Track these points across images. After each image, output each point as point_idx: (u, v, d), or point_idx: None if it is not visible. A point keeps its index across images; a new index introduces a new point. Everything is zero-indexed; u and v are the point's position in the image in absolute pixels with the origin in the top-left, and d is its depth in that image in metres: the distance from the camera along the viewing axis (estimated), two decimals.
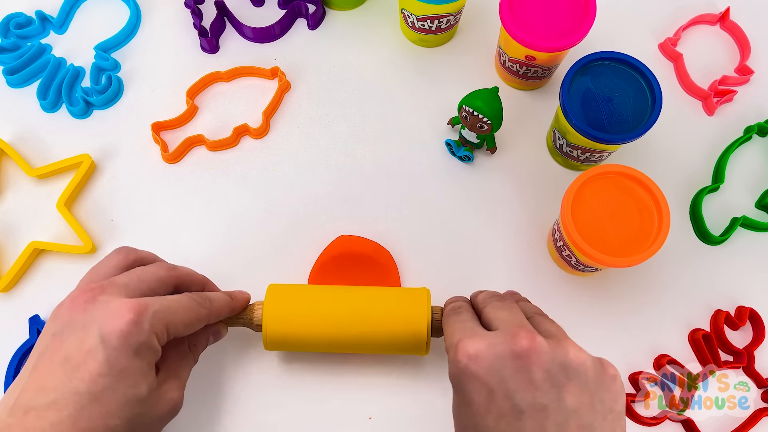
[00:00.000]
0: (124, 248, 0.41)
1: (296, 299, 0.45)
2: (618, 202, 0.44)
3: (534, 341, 0.34)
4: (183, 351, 0.41)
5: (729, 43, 0.59)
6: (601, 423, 0.34)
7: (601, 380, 0.35)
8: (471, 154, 0.53)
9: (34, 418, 0.33)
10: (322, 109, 0.57)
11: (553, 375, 0.33)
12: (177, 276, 0.41)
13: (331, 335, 0.44)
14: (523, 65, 0.53)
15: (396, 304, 0.44)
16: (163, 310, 0.37)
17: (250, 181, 0.54)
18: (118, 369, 0.34)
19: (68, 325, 0.36)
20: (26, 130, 0.56)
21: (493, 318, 0.37)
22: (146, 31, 0.60)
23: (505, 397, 0.33)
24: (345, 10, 0.60)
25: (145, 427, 0.37)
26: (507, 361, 0.34)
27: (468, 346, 0.35)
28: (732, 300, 0.51)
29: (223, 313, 0.42)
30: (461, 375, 0.35)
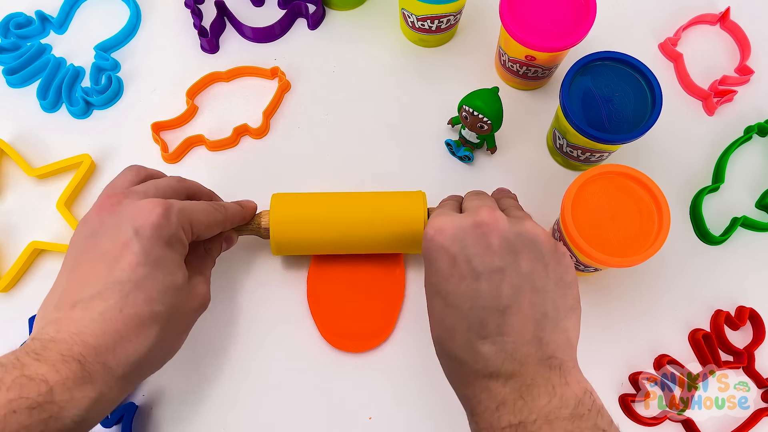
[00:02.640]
0: (135, 166, 0.44)
1: (300, 204, 0.47)
2: (618, 202, 0.44)
3: (493, 214, 0.38)
4: (201, 253, 0.44)
5: (729, 43, 0.59)
6: (553, 288, 0.37)
7: (553, 254, 0.38)
8: (471, 154, 0.53)
9: (81, 309, 0.35)
10: (322, 109, 0.57)
11: (509, 242, 0.37)
12: (188, 187, 0.44)
13: (335, 236, 0.47)
14: (523, 65, 0.53)
15: (395, 205, 0.47)
16: (186, 209, 0.40)
17: (250, 181, 0.54)
18: (154, 258, 0.37)
19: (100, 226, 0.38)
20: (26, 130, 0.56)
21: (466, 206, 0.42)
22: (146, 31, 0.60)
23: (465, 261, 0.37)
24: (345, 10, 0.60)
25: (183, 317, 0.40)
26: (468, 231, 0.38)
27: (436, 222, 0.39)
28: (732, 300, 0.51)
29: (236, 220, 0.45)
30: (429, 246, 0.39)
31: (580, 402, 0.33)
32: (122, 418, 0.46)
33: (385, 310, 0.50)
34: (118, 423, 0.46)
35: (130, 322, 0.35)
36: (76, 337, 0.34)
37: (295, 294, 0.50)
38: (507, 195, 0.47)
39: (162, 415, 0.47)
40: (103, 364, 0.34)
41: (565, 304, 0.37)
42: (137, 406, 0.47)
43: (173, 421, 0.47)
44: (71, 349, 0.34)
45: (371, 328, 0.49)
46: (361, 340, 0.49)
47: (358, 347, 0.49)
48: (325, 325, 0.49)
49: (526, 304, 0.36)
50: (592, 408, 0.34)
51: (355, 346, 0.49)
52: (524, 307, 0.36)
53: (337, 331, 0.49)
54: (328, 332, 0.49)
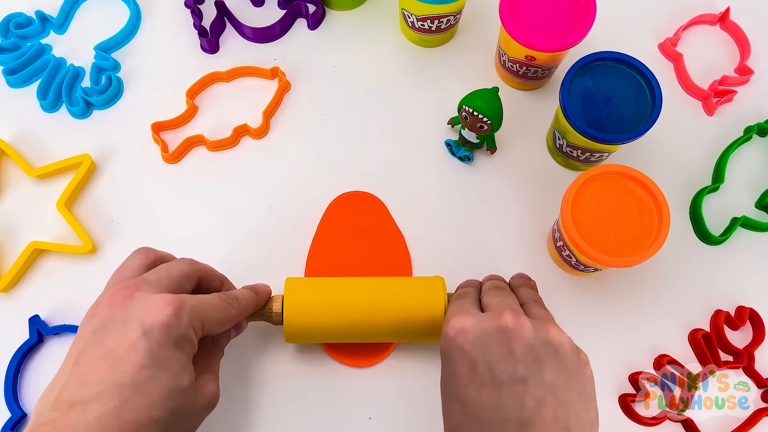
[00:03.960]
0: (144, 248, 0.42)
1: (315, 291, 0.45)
2: (618, 202, 0.44)
3: (518, 318, 0.36)
4: (209, 346, 0.42)
5: (729, 43, 0.59)
6: (575, 401, 0.35)
7: (576, 363, 0.36)
8: (471, 154, 0.53)
9: (78, 412, 0.33)
10: (322, 109, 0.57)
11: (534, 350, 0.35)
12: (200, 270, 0.42)
13: (351, 325, 0.44)
14: (523, 65, 0.53)
15: (413, 292, 0.45)
16: (199, 307, 0.38)
17: (250, 181, 0.54)
18: (160, 360, 0.35)
19: (109, 321, 0.36)
20: (26, 130, 0.56)
21: (487, 303, 0.40)
22: (146, 31, 0.60)
23: (487, 368, 0.35)
24: (345, 10, 0.60)
25: (187, 420, 0.37)
26: (491, 336, 0.36)
27: (457, 322, 0.37)
28: (732, 300, 0.51)
29: (250, 310, 0.43)
30: (449, 347, 0.37)
31: None
32: None
33: None
34: None
35: (128, 428, 0.33)
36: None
37: None
38: (526, 283, 0.45)
39: None
40: None
41: (587, 418, 0.36)
42: None
43: None
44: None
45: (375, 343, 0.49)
46: (365, 356, 0.49)
47: (361, 362, 0.49)
48: None
49: (549, 418, 0.34)
50: None
51: (358, 361, 0.49)
52: (547, 422, 0.34)
53: (341, 344, 0.49)
54: (332, 347, 0.49)
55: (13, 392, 0.48)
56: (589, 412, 0.36)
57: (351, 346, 0.49)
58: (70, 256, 0.52)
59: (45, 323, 0.50)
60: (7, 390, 0.48)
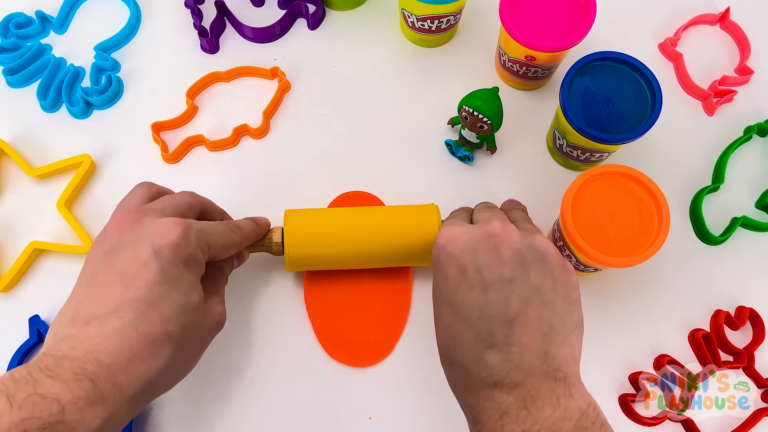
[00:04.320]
0: (146, 183, 0.43)
1: (314, 221, 0.47)
2: (618, 202, 0.44)
3: (505, 226, 0.38)
4: (214, 272, 0.43)
5: (729, 43, 0.59)
6: (560, 303, 0.37)
7: (562, 269, 0.38)
8: (471, 154, 0.53)
9: (96, 326, 0.35)
10: (322, 109, 0.57)
11: (520, 254, 0.37)
12: (201, 202, 0.44)
13: (350, 251, 0.46)
14: (523, 65, 0.53)
15: (408, 219, 0.47)
16: (205, 230, 0.40)
17: (250, 181, 0.54)
18: (172, 278, 0.36)
19: (119, 243, 0.38)
20: (26, 130, 0.56)
21: (477, 218, 0.41)
22: (146, 31, 0.60)
23: (476, 271, 0.37)
24: (345, 10, 0.60)
25: (198, 337, 0.39)
26: (480, 242, 0.37)
27: (448, 231, 0.39)
28: (732, 300, 0.51)
29: (251, 239, 0.45)
30: (440, 254, 0.39)
31: (584, 414, 0.33)
32: None
33: (389, 323, 0.50)
34: None
35: (145, 341, 0.35)
36: (90, 354, 0.34)
37: (301, 306, 0.51)
38: (516, 207, 0.46)
39: (162, 415, 0.47)
40: (115, 383, 0.34)
41: (571, 320, 0.37)
42: None
43: (173, 421, 0.47)
44: (84, 368, 0.33)
45: (375, 342, 0.49)
46: (365, 356, 0.49)
47: (361, 362, 0.49)
48: (328, 339, 0.49)
49: (534, 317, 0.36)
50: (596, 421, 0.34)
51: (358, 361, 0.49)
52: (532, 320, 0.36)
53: (340, 344, 0.49)
54: (331, 346, 0.49)
55: None
56: (573, 315, 0.37)
57: (351, 347, 0.49)
58: (70, 256, 0.52)
59: (45, 323, 0.50)
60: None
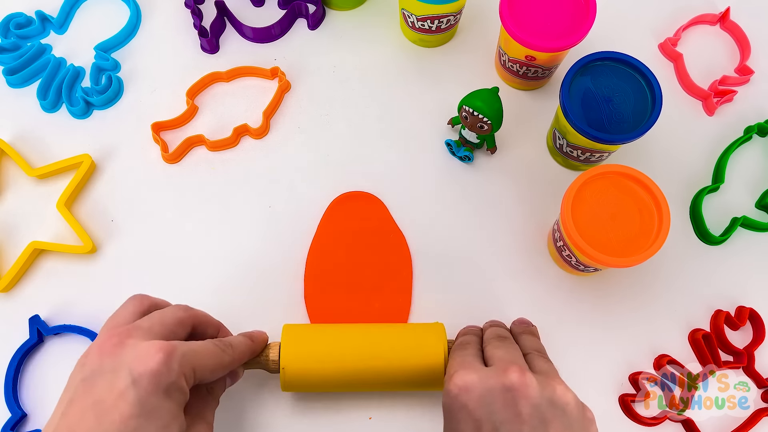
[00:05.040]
0: (139, 295, 0.41)
1: (313, 340, 0.44)
2: (618, 202, 0.44)
3: (524, 376, 0.35)
4: (203, 395, 0.41)
5: (729, 43, 0.59)
6: None
7: (581, 422, 0.35)
8: (471, 154, 0.53)
9: None
10: (322, 109, 0.57)
11: (540, 411, 0.34)
12: (195, 317, 0.41)
13: (350, 375, 0.43)
14: (523, 65, 0.53)
15: (412, 341, 0.44)
16: (191, 354, 0.37)
17: (250, 181, 0.54)
18: (150, 409, 0.34)
19: (98, 369, 0.35)
20: (26, 130, 0.56)
21: (491, 356, 0.38)
22: (146, 31, 0.60)
23: (492, 429, 0.34)
24: (345, 10, 0.60)
25: None
26: (496, 394, 0.35)
27: (460, 378, 0.36)
28: (732, 300, 0.51)
29: (245, 357, 0.42)
30: (452, 404, 0.36)
31: None
32: None
33: None
34: None
35: None
36: None
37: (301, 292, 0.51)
38: (527, 330, 0.44)
39: None
40: None
41: None
42: None
43: None
44: None
45: None
46: None
47: None
48: None
49: None
50: None
51: None
52: None
53: None
54: None
55: (13, 392, 0.48)
56: None
57: None
58: (70, 256, 0.52)
59: (45, 323, 0.50)
60: (7, 390, 0.48)
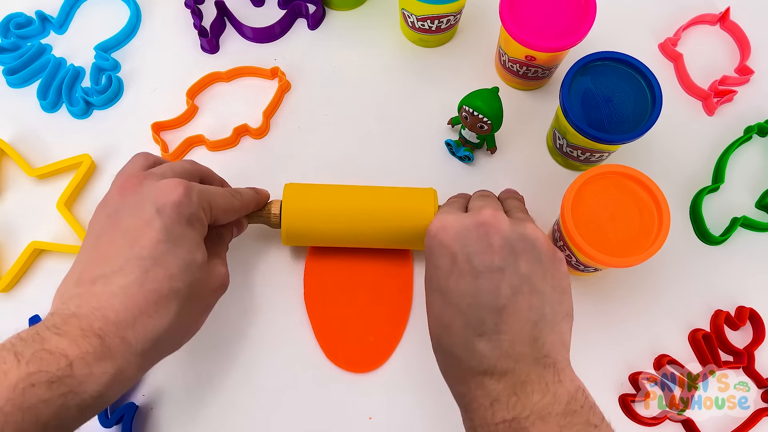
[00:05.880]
0: (144, 152, 0.44)
1: (312, 196, 0.47)
2: (618, 202, 0.44)
3: (496, 215, 0.38)
4: (214, 237, 0.43)
5: (729, 43, 0.59)
6: (550, 292, 0.37)
7: (552, 259, 0.38)
8: (471, 154, 0.53)
9: (102, 284, 0.35)
10: (322, 109, 0.57)
11: (510, 243, 0.37)
12: (201, 170, 0.44)
13: (346, 228, 0.47)
14: (523, 65, 0.53)
15: (406, 201, 0.47)
16: (206, 191, 0.40)
17: (250, 181, 0.54)
18: (175, 236, 0.37)
19: (122, 205, 0.38)
20: (26, 130, 0.56)
21: (471, 206, 0.42)
22: (146, 31, 0.60)
23: (466, 260, 0.37)
24: (345, 10, 0.60)
25: (203, 297, 0.40)
26: (470, 230, 0.38)
27: (439, 219, 0.40)
28: (732, 300, 0.51)
29: (251, 206, 0.46)
30: (431, 243, 0.39)
31: (572, 398, 0.34)
32: (122, 418, 0.46)
33: (390, 326, 0.50)
34: (118, 423, 0.46)
35: (151, 297, 0.35)
36: (96, 312, 0.34)
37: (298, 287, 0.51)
38: (513, 196, 0.47)
39: (162, 415, 0.47)
40: (122, 339, 0.34)
41: (561, 308, 0.38)
42: (137, 406, 0.47)
43: (173, 421, 0.47)
44: (92, 324, 0.34)
45: (375, 344, 0.49)
46: (365, 360, 0.49)
47: (361, 368, 0.49)
48: (328, 341, 0.49)
49: (524, 305, 0.36)
50: (585, 404, 0.34)
51: (358, 366, 0.49)
52: (522, 308, 0.36)
53: (340, 347, 0.49)
54: (331, 350, 0.49)
55: None
56: (563, 304, 0.38)
57: (350, 351, 0.49)
58: (70, 256, 0.52)
59: None
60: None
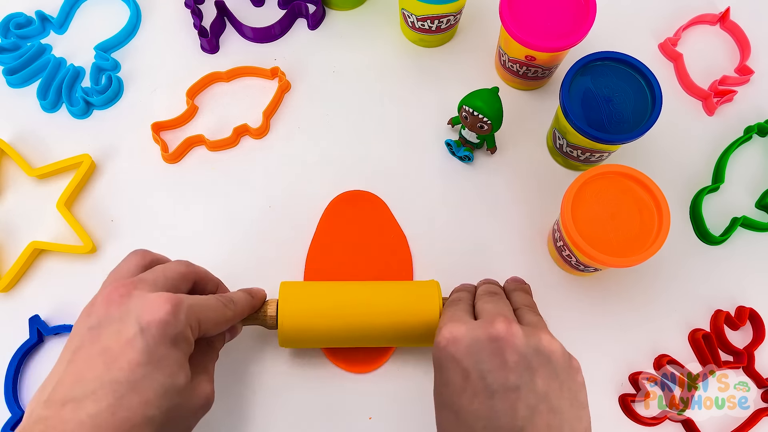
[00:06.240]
0: (140, 250, 0.42)
1: (310, 296, 0.45)
2: (618, 202, 0.44)
3: (510, 327, 0.36)
4: (204, 348, 0.41)
5: (729, 43, 0.59)
6: (568, 408, 0.35)
7: (568, 370, 0.36)
8: (471, 154, 0.53)
9: (71, 409, 0.33)
10: (322, 109, 0.57)
11: (525, 359, 0.35)
12: (196, 272, 0.42)
13: (346, 330, 0.44)
14: (523, 65, 0.53)
15: (408, 297, 0.45)
16: (196, 306, 0.38)
17: (250, 181, 0.54)
18: (157, 358, 0.34)
19: (105, 318, 0.36)
20: (26, 130, 0.56)
21: (480, 310, 0.40)
22: (146, 31, 0.60)
23: (480, 377, 0.35)
24: (345, 10, 0.60)
25: (182, 421, 0.37)
26: (483, 344, 0.36)
27: (449, 330, 0.37)
28: (732, 300, 0.51)
29: (245, 312, 0.43)
30: (441, 356, 0.37)
31: None
32: None
33: None
34: None
35: (122, 426, 0.33)
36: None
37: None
38: (520, 287, 0.45)
39: None
40: None
41: (580, 426, 0.36)
42: None
43: None
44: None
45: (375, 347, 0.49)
46: (365, 360, 0.48)
47: (361, 368, 0.48)
48: None
49: (542, 426, 0.34)
50: None
51: (358, 366, 0.48)
52: (540, 429, 0.34)
53: (340, 349, 0.48)
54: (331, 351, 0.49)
55: (13, 392, 0.48)
56: (582, 421, 0.36)
57: (350, 351, 0.49)
58: (70, 256, 0.52)
59: (45, 323, 0.50)
60: (7, 390, 0.48)
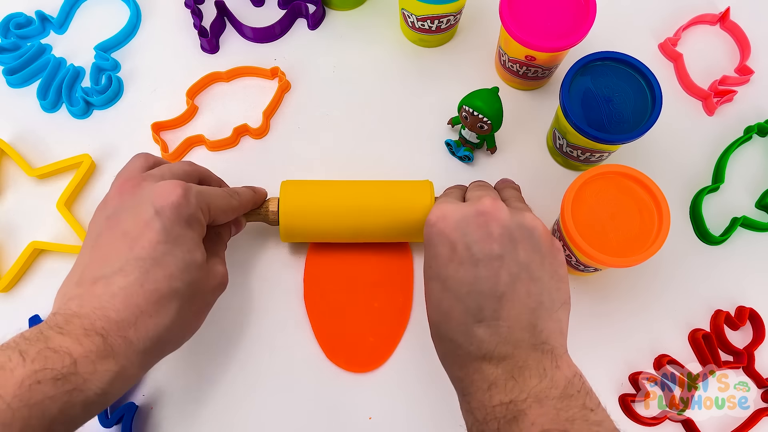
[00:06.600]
0: (144, 153, 0.44)
1: (309, 191, 0.48)
2: (618, 202, 0.44)
3: (495, 203, 0.39)
4: (213, 237, 0.44)
5: (729, 43, 0.59)
6: (548, 280, 0.38)
7: (549, 247, 0.39)
8: (471, 154, 0.53)
9: (103, 285, 0.36)
10: (322, 109, 0.57)
11: (509, 231, 0.38)
12: (199, 171, 0.45)
13: (343, 223, 0.47)
14: (523, 65, 0.53)
15: (403, 194, 0.48)
16: (204, 192, 0.41)
17: (250, 181, 0.54)
18: (174, 236, 0.38)
19: (120, 206, 0.39)
20: (26, 130, 0.56)
21: (469, 196, 0.43)
22: (146, 31, 0.60)
23: (466, 248, 0.38)
24: (345, 10, 0.60)
25: (202, 296, 0.40)
26: (470, 219, 0.39)
27: (439, 209, 0.40)
28: (732, 300, 0.51)
29: (249, 205, 0.46)
30: (431, 232, 0.40)
31: (569, 383, 0.34)
32: (122, 418, 0.46)
33: (390, 326, 0.50)
34: (118, 423, 0.46)
35: (151, 297, 0.36)
36: (98, 311, 0.35)
37: (298, 281, 0.51)
38: (510, 185, 0.47)
39: (162, 415, 0.47)
40: (124, 338, 0.35)
41: (558, 296, 0.38)
42: (137, 406, 0.47)
43: (173, 421, 0.47)
44: (94, 324, 0.34)
45: (375, 344, 0.49)
46: (365, 360, 0.49)
47: (361, 368, 0.49)
48: (328, 340, 0.49)
49: (522, 292, 0.37)
50: (581, 389, 0.35)
51: (357, 366, 0.49)
52: (520, 295, 0.37)
53: (339, 346, 0.49)
54: (331, 349, 0.49)
55: None
56: (560, 291, 0.38)
57: (350, 351, 0.49)
58: (70, 256, 0.52)
59: None
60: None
